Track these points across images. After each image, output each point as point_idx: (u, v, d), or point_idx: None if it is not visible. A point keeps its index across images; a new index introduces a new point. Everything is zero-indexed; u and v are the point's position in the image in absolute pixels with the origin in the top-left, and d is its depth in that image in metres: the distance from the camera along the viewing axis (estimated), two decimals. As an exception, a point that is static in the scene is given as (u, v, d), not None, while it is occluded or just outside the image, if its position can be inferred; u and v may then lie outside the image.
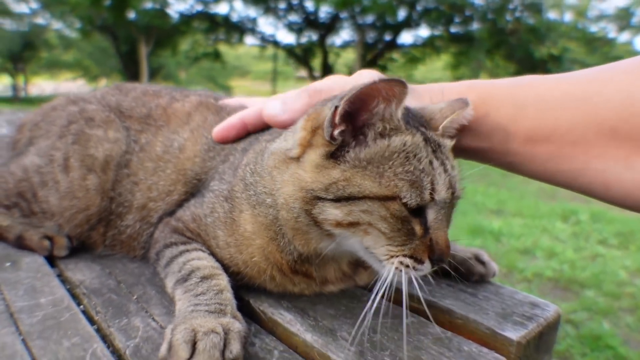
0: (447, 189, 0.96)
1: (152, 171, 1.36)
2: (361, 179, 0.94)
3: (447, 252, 0.96)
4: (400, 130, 0.97)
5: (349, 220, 0.95)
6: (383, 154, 0.95)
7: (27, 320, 1.02)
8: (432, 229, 0.96)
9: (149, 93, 1.60)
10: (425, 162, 0.96)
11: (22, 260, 1.31)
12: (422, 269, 0.97)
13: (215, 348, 0.84)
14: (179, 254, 1.14)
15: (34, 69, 34.77)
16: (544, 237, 5.72)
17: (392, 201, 0.93)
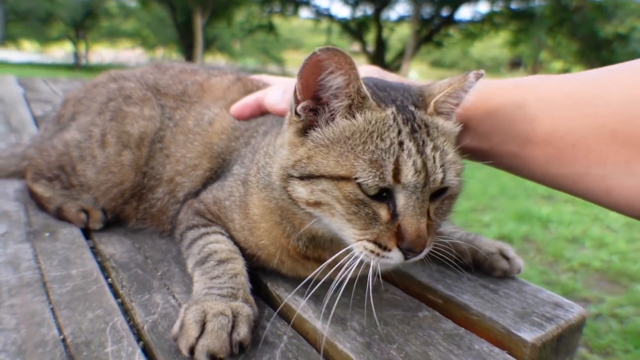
0: (416, 172, 0.88)
1: (182, 144, 1.41)
2: (321, 158, 0.93)
3: (417, 241, 0.89)
4: (364, 108, 0.95)
5: (313, 199, 0.94)
6: (345, 132, 0.94)
7: (57, 290, 1.08)
8: (401, 215, 0.90)
9: (186, 71, 1.64)
10: (392, 142, 0.90)
11: (60, 231, 1.38)
12: (390, 256, 0.92)
13: (223, 329, 0.87)
14: (200, 236, 1.18)
15: (95, 37, 35.82)
16: (595, 226, 5.51)
17: (347, 182, 0.90)
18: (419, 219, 0.90)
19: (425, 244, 0.91)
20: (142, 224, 1.45)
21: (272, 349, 0.92)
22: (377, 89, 1.01)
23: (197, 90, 1.54)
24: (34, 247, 1.27)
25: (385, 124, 0.93)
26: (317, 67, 0.90)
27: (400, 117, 0.94)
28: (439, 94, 0.99)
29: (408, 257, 0.92)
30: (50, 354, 0.87)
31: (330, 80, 0.92)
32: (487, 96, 1.07)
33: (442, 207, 0.98)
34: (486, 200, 6.29)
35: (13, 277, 1.13)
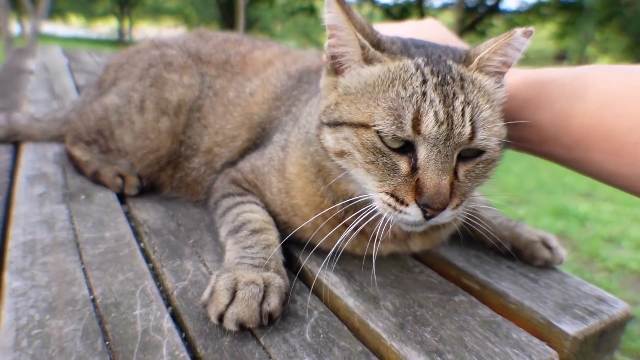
0: (438, 123, 0.84)
1: (221, 115, 1.40)
2: (346, 105, 0.92)
3: (436, 197, 0.84)
4: (384, 57, 0.93)
5: (339, 148, 0.93)
6: (368, 80, 0.92)
7: (90, 251, 1.08)
8: (421, 169, 0.86)
9: (230, 40, 1.63)
10: (414, 91, 0.86)
11: (96, 195, 1.39)
12: (408, 212, 0.87)
13: (253, 298, 0.85)
14: (235, 205, 1.16)
15: (139, 14, 36.30)
16: (634, 227, 5.32)
17: (365, 129, 0.88)
18: (440, 174, 0.85)
19: (446, 202, 0.86)
20: (176, 193, 1.45)
21: (302, 323, 0.90)
22: (412, 44, 0.98)
23: (240, 62, 1.52)
24: (69, 209, 1.28)
25: (407, 73, 0.90)
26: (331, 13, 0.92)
27: (427, 68, 0.90)
28: (483, 50, 0.94)
29: (427, 215, 0.87)
30: (80, 313, 0.87)
31: (327, 17, 0.92)
32: (542, 88, 1.00)
33: (475, 170, 0.92)
34: (522, 194, 6.14)
35: (47, 236, 1.13)
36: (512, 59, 0.95)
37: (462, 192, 0.91)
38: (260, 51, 1.56)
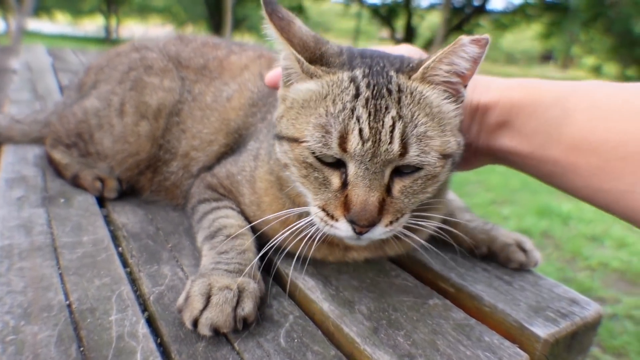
0: (363, 141, 0.84)
1: (199, 119, 1.40)
2: (286, 119, 0.94)
3: (361, 214, 0.85)
4: (319, 71, 0.92)
5: (282, 160, 0.95)
6: (304, 95, 0.93)
7: (67, 256, 1.08)
8: (350, 185, 0.87)
9: (208, 44, 1.63)
10: (344, 107, 0.86)
11: (75, 198, 1.39)
12: (338, 227, 0.89)
13: (227, 303, 0.86)
14: (211, 210, 1.17)
15: (126, 12, 36.00)
16: (616, 226, 5.38)
17: (298, 144, 0.90)
18: (367, 191, 0.86)
19: (372, 219, 0.86)
20: (156, 196, 1.45)
21: (277, 328, 0.90)
22: (359, 55, 0.97)
23: (217, 66, 1.52)
24: (48, 212, 1.28)
25: (340, 87, 0.89)
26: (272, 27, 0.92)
27: (364, 81, 0.88)
28: (429, 59, 0.92)
29: (356, 230, 0.88)
30: (55, 319, 0.87)
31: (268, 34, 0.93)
32: (537, 95, 0.99)
33: (413, 187, 0.91)
34: (507, 193, 6.20)
35: (25, 240, 1.13)
36: (463, 68, 0.91)
37: (397, 209, 0.90)
38: (236, 56, 1.56)
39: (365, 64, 0.93)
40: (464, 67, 0.91)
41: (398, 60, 0.96)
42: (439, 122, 0.91)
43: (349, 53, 0.97)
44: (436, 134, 0.89)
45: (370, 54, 0.98)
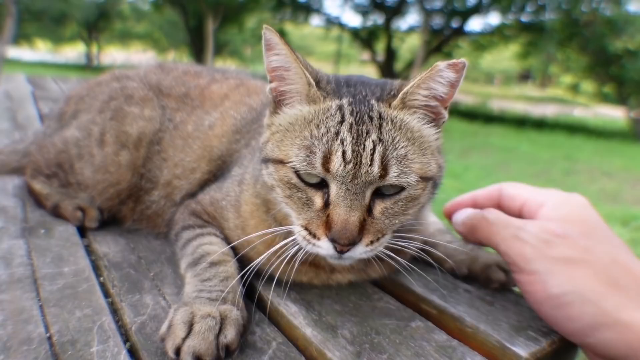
0: (344, 162, 0.88)
1: (180, 148, 1.41)
2: (272, 142, 0.99)
3: (342, 233, 0.89)
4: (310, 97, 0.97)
5: (269, 182, 0.99)
6: (290, 120, 0.98)
7: (48, 287, 1.07)
8: (331, 205, 0.91)
9: (189, 73, 1.64)
10: (327, 131, 0.91)
11: (56, 229, 1.38)
12: (320, 245, 0.93)
13: (210, 331, 0.87)
14: (195, 237, 1.17)
15: (107, 39, 36.08)
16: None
17: (283, 165, 0.94)
18: (348, 211, 0.90)
19: (353, 239, 0.90)
20: (138, 225, 1.45)
21: (260, 355, 0.90)
22: (345, 83, 1.01)
23: (199, 95, 1.54)
24: (28, 244, 1.27)
25: (326, 114, 0.94)
26: (266, 44, 0.97)
27: (349, 109, 0.94)
28: (407, 86, 0.96)
29: (337, 249, 0.91)
30: (35, 352, 0.86)
31: (272, 60, 0.97)
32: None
33: (394, 208, 0.95)
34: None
35: (4, 272, 1.12)
36: (441, 92, 0.96)
37: (378, 229, 0.94)
38: (217, 84, 1.58)
39: (350, 93, 0.98)
40: (442, 92, 0.97)
41: (379, 88, 1.00)
42: (419, 145, 0.95)
43: (336, 81, 1.02)
44: (416, 157, 0.94)
45: (355, 82, 1.02)
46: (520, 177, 8.30)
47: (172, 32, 31.35)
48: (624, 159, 11.29)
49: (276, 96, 1.03)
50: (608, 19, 16.83)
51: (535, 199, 1.04)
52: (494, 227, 1.02)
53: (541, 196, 1.03)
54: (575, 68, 21.87)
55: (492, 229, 1.02)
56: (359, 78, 1.06)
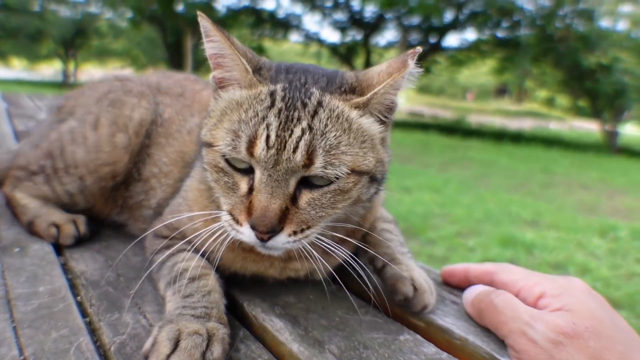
0: (268, 147, 0.87)
1: (161, 147, 1.43)
2: (206, 127, 0.99)
3: (261, 220, 0.88)
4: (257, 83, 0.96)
5: (204, 166, 1.00)
6: (222, 104, 0.98)
7: (22, 308, 1.03)
8: (254, 191, 0.90)
9: (189, 79, 1.71)
10: (255, 115, 0.90)
11: (31, 247, 1.33)
12: (242, 232, 0.92)
13: (196, 348, 0.84)
14: (167, 258, 1.14)
15: (85, 56, 35.77)
16: (579, 253, 5.51)
17: (211, 149, 0.94)
18: (269, 198, 0.89)
19: (272, 226, 0.88)
20: (121, 215, 1.48)
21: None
22: (285, 70, 1.00)
23: (191, 97, 1.58)
24: (1, 263, 1.22)
25: (256, 99, 0.93)
26: (203, 32, 0.96)
27: (281, 94, 0.92)
28: (379, 84, 0.94)
29: (258, 237, 0.90)
30: (8, 376, 0.82)
31: (209, 48, 0.97)
32: None
33: (322, 200, 0.93)
34: (471, 224, 6.28)
35: (-24, 293, 1.07)
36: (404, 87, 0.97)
37: (302, 220, 0.92)
38: (207, 91, 1.60)
39: (287, 79, 0.96)
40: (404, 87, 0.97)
41: (325, 78, 0.99)
42: (356, 137, 0.93)
43: (277, 68, 1.01)
44: (350, 149, 0.91)
45: (297, 69, 1.01)
46: (500, 190, 8.40)
47: (150, 48, 31.23)
48: (599, 171, 11.50)
49: (217, 83, 1.02)
50: (581, 34, 17.24)
51: (532, 289, 1.00)
52: (502, 316, 0.97)
53: (538, 285, 1.00)
54: (550, 82, 22.33)
55: (500, 318, 0.98)
56: (303, 66, 1.04)
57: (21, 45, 30.19)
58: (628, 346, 0.86)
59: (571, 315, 0.89)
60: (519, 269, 1.10)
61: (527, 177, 10.10)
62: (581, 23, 17.81)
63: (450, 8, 19.44)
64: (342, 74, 1.02)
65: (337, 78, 0.99)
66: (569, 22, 18.06)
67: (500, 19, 19.19)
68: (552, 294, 0.96)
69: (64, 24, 28.84)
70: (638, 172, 12.09)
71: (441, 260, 4.80)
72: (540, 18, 18.13)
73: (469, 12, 19.68)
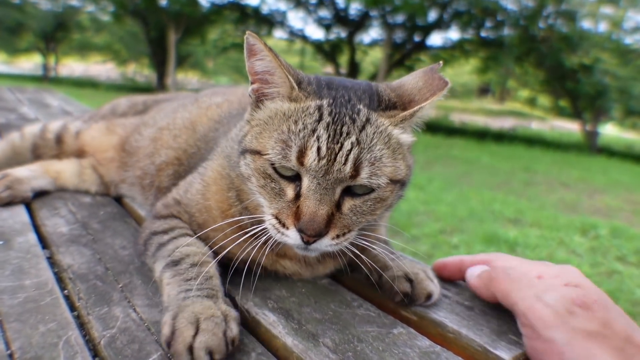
0: (319, 158, 0.92)
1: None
2: (250, 135, 1.02)
3: (310, 225, 0.92)
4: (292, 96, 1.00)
5: (245, 173, 1.02)
6: (270, 114, 1.01)
7: (7, 302, 1.01)
8: (302, 197, 0.95)
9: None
10: (305, 127, 0.95)
11: (15, 240, 1.30)
12: (288, 235, 0.96)
13: (218, 327, 0.88)
14: (167, 241, 1.14)
15: (65, 50, 35.17)
16: (560, 250, 5.58)
17: (259, 156, 0.97)
18: (318, 204, 0.93)
19: (320, 230, 0.93)
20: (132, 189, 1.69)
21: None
22: (326, 85, 1.04)
23: None
24: (-15, 256, 1.19)
25: (305, 112, 0.97)
26: (249, 49, 0.99)
27: (327, 109, 0.97)
28: (422, 101, 1.02)
29: (304, 240, 0.95)
30: (-5, 370, 0.80)
31: (255, 64, 1.00)
32: None
33: (363, 207, 0.99)
34: (455, 222, 6.33)
35: (-41, 286, 1.04)
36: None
37: (345, 224, 0.98)
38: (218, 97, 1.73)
39: (330, 95, 1.01)
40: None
41: (367, 95, 1.04)
42: (394, 150, 1.00)
43: (317, 82, 1.05)
44: (389, 161, 0.97)
45: (337, 85, 1.05)
46: (483, 188, 8.46)
47: (133, 43, 30.83)
48: (580, 170, 11.65)
49: (258, 96, 1.05)
50: (564, 35, 17.44)
51: (530, 273, 1.00)
52: (516, 283, 0.98)
53: (535, 270, 1.01)
54: (533, 82, 22.57)
55: (514, 285, 0.99)
56: (340, 81, 1.08)
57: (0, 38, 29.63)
58: (629, 323, 0.89)
59: (580, 289, 0.92)
60: (514, 257, 1.12)
61: (509, 175, 10.19)
62: (564, 24, 18.01)
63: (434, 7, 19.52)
64: (377, 88, 1.07)
65: (376, 94, 1.05)
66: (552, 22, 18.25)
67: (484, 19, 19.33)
68: (551, 275, 0.98)
69: (45, 16, 28.32)
70: (618, 171, 12.29)
71: (425, 257, 4.83)
72: (523, 18, 18.29)
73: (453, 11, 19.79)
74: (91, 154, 1.81)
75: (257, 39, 0.97)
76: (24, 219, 1.46)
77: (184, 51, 29.39)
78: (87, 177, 1.76)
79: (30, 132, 1.94)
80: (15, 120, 3.08)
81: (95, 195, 1.74)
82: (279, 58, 0.98)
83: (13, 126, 2.75)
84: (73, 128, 1.91)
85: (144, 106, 2.02)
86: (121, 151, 1.73)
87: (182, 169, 1.48)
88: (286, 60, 1.02)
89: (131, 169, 1.67)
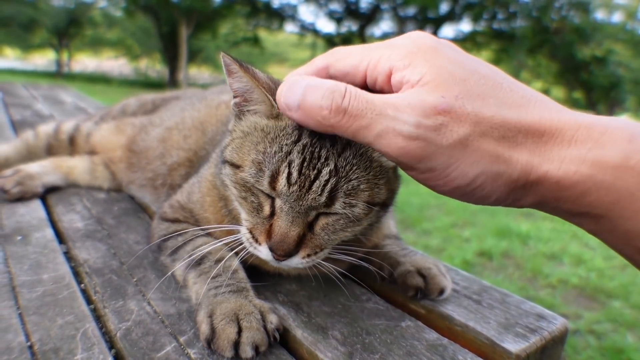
0: (289, 184, 0.88)
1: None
2: (231, 147, 1.01)
3: (279, 245, 0.91)
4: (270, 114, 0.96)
5: (226, 182, 1.02)
6: (249, 128, 0.98)
7: (26, 295, 1.04)
8: (275, 216, 0.93)
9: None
10: (280, 149, 0.89)
11: (32, 235, 1.34)
12: (260, 250, 0.96)
13: (259, 323, 0.92)
14: (185, 243, 1.17)
15: (78, 46, 35.48)
16: (573, 243, 5.56)
17: (239, 169, 0.96)
18: (289, 225, 0.91)
19: (289, 251, 0.92)
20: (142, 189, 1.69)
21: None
22: None
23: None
24: (4, 251, 1.23)
25: (283, 131, 0.92)
26: (226, 69, 0.97)
27: (307, 131, 0.89)
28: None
29: (275, 257, 0.94)
30: (16, 361, 0.83)
31: (233, 84, 0.98)
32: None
33: (335, 225, 0.95)
34: (466, 215, 6.32)
35: (-20, 281, 1.08)
36: None
37: (316, 244, 0.95)
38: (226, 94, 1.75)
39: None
40: None
41: None
42: (375, 174, 0.93)
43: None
44: (368, 186, 0.92)
45: None
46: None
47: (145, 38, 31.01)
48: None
49: (240, 109, 1.02)
50: (576, 26, 17.26)
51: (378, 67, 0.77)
52: (361, 120, 0.71)
53: (382, 59, 0.77)
54: (546, 74, 22.36)
55: (360, 122, 0.71)
56: None
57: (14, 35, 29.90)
58: (500, 99, 0.72)
59: (434, 88, 0.70)
60: (353, 48, 0.84)
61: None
62: (577, 15, 17.82)
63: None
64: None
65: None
66: (565, 14, 18.06)
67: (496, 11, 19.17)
68: (401, 65, 0.74)
69: (57, 13, 28.59)
70: (632, 163, 12.15)
71: (437, 251, 4.84)
72: (535, 10, 18.13)
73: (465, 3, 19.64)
74: (102, 152, 1.85)
75: (232, 60, 0.93)
76: (41, 215, 1.49)
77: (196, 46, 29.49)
78: (99, 174, 1.79)
79: (45, 132, 1.98)
80: (30, 116, 3.13)
81: (109, 191, 1.78)
82: (257, 77, 0.94)
83: (28, 123, 2.80)
84: (85, 129, 1.95)
85: (153, 105, 2.05)
86: (128, 151, 1.75)
87: (194, 170, 1.49)
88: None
89: (140, 171, 1.68)
